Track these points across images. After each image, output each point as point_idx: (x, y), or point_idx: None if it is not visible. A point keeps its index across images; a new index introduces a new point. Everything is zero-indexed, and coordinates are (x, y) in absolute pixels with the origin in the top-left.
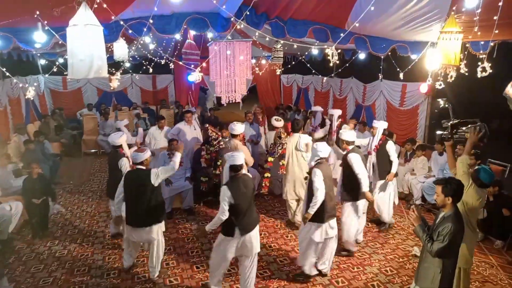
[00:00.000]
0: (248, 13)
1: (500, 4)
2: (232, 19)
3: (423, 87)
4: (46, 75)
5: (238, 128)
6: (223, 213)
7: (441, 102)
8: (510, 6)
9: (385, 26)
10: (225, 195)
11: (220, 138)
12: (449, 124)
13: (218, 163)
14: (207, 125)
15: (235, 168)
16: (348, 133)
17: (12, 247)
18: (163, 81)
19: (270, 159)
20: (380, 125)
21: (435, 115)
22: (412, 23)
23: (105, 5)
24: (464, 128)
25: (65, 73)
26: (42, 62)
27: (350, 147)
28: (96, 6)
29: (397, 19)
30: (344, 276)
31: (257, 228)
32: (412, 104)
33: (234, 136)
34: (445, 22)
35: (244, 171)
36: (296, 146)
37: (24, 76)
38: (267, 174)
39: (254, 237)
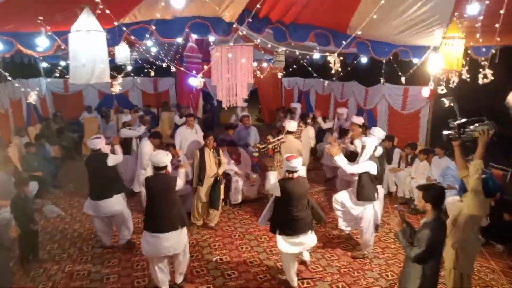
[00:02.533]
0: (250, 20)
1: (502, 11)
2: (234, 26)
3: (425, 91)
4: (49, 79)
5: (293, 125)
6: None
7: (446, 101)
8: None
9: (387, 30)
10: None
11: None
12: (455, 123)
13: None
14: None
15: None
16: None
17: (12, 250)
18: (164, 84)
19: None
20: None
21: (437, 118)
22: (414, 28)
23: (108, 11)
24: (471, 127)
25: (66, 76)
26: (44, 65)
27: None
28: (99, 11)
29: (399, 24)
30: (344, 281)
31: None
32: (414, 108)
33: (290, 132)
34: (447, 27)
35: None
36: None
37: (25, 79)
38: None
39: None
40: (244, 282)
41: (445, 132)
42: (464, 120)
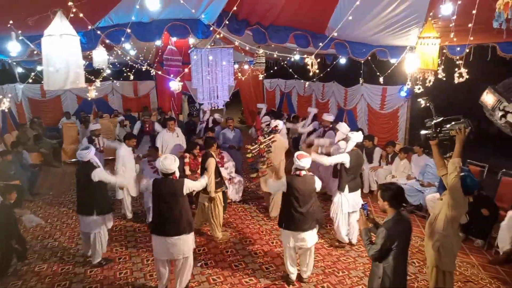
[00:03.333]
0: (227, 22)
1: (474, 12)
2: (211, 28)
3: (403, 91)
4: (23, 85)
5: (281, 124)
6: None
7: (422, 101)
8: (484, 13)
9: (364, 31)
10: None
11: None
12: (432, 123)
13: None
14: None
15: None
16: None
17: None
18: (145, 87)
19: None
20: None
21: (415, 116)
22: (391, 28)
23: (81, 15)
24: (448, 126)
25: (42, 82)
26: (19, 70)
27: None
28: (72, 15)
29: (376, 24)
30: (329, 281)
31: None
32: (392, 107)
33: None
34: (423, 27)
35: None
36: None
37: (0, 85)
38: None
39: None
40: (230, 286)
41: (423, 131)
42: (440, 119)
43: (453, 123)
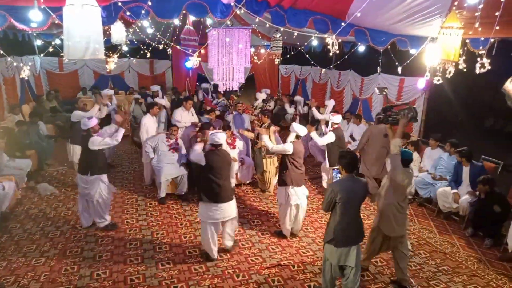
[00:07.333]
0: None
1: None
2: (232, 3)
3: (421, 83)
4: (42, 55)
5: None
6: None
7: (377, 91)
8: None
9: (385, 19)
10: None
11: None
12: (381, 108)
13: None
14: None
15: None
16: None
17: (5, 226)
18: (161, 66)
19: None
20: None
21: (431, 109)
22: (413, 18)
23: None
24: (397, 111)
25: (61, 54)
26: (38, 42)
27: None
28: None
29: (398, 13)
30: None
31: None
32: (409, 99)
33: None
34: (446, 18)
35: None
36: None
37: (19, 56)
38: None
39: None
40: (236, 263)
41: (376, 115)
42: (388, 105)
43: (399, 110)
